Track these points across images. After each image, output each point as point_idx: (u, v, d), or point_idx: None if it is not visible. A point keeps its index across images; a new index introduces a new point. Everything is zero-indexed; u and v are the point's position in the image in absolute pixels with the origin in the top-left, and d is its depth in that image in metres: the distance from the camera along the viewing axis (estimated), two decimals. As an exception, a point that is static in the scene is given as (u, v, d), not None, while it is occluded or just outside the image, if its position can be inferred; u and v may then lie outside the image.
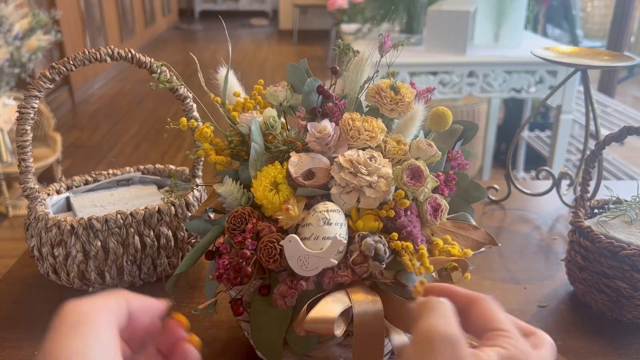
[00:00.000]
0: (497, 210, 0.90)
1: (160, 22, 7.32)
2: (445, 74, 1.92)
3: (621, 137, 0.62)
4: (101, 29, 5.09)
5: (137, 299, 0.35)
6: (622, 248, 0.58)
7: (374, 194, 0.46)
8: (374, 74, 0.55)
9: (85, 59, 0.62)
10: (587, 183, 0.66)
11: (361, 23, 2.33)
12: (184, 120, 0.55)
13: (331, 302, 0.42)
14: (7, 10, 2.37)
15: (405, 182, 0.45)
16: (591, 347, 0.59)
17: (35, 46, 2.47)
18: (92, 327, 0.31)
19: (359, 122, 0.50)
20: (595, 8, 4.80)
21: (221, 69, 0.58)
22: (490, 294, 0.57)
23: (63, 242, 0.63)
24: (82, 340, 0.30)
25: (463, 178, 0.53)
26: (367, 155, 0.47)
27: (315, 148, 0.49)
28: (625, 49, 3.18)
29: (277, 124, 0.52)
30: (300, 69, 0.56)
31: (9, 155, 2.56)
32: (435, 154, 0.48)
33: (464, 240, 0.50)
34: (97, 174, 0.76)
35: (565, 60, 0.80)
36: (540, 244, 0.80)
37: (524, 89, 1.98)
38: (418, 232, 0.46)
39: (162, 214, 0.66)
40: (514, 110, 3.17)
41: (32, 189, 0.65)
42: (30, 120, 0.61)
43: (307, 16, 7.51)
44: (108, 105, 4.49)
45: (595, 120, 0.83)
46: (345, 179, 0.46)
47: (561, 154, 2.07)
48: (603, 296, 0.61)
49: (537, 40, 2.29)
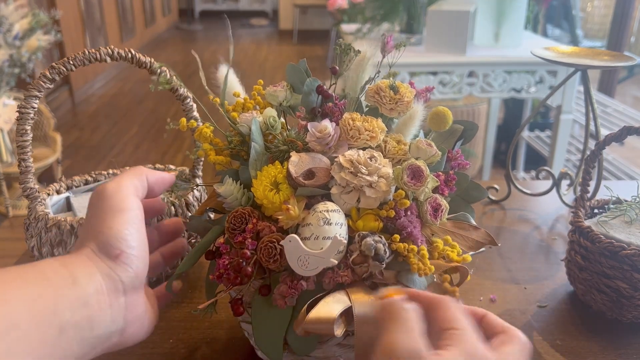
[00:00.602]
0: (497, 210, 0.90)
1: (160, 22, 7.32)
2: (445, 74, 1.92)
3: (621, 137, 0.62)
4: (101, 29, 5.09)
5: (153, 173, 0.47)
6: (622, 248, 0.58)
7: (374, 194, 0.46)
8: (375, 74, 0.55)
9: (85, 59, 0.62)
10: (587, 183, 0.66)
11: (361, 23, 2.33)
12: (183, 120, 0.55)
13: (331, 302, 0.42)
14: (7, 10, 2.37)
15: (405, 182, 0.45)
16: (591, 347, 0.59)
17: (35, 46, 2.47)
18: (130, 213, 0.41)
19: (359, 122, 0.50)
20: (595, 8, 4.80)
21: (221, 68, 0.58)
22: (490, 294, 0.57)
23: (63, 242, 0.63)
24: (122, 225, 0.40)
25: (463, 178, 0.53)
26: (367, 155, 0.47)
27: (315, 148, 0.49)
28: (625, 49, 3.18)
29: (277, 124, 0.52)
30: (300, 69, 0.56)
31: (9, 155, 2.56)
32: (435, 154, 0.48)
33: (464, 240, 0.50)
34: (97, 174, 0.76)
35: (565, 60, 0.80)
36: (540, 244, 0.80)
37: (524, 89, 1.98)
38: (418, 232, 0.46)
39: (162, 214, 0.65)
40: (514, 110, 3.17)
41: (32, 189, 0.65)
42: (30, 120, 0.61)
43: (307, 16, 7.51)
44: (108, 105, 4.49)
45: (595, 120, 0.83)
46: (345, 179, 0.46)
47: (561, 154, 2.07)
48: (603, 296, 0.61)
49: (537, 40, 2.29)
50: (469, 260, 0.46)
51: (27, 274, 0.35)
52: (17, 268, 0.35)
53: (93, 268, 0.38)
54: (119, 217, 0.40)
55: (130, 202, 0.42)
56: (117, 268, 0.39)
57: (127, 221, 0.41)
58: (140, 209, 0.43)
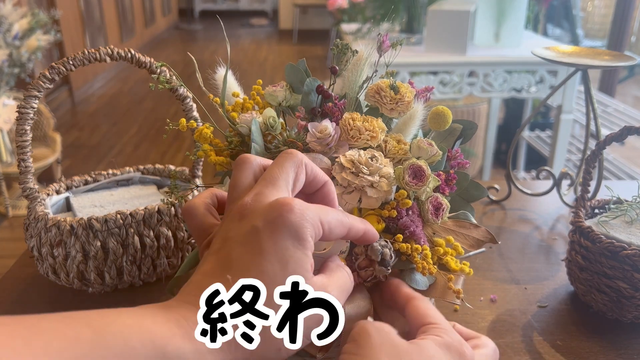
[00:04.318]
0: (498, 210, 0.90)
1: (160, 21, 7.32)
2: (445, 73, 1.92)
3: (622, 137, 0.62)
4: (101, 29, 5.09)
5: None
6: (623, 248, 0.58)
7: (376, 194, 0.46)
8: (372, 74, 0.55)
9: (85, 59, 0.62)
10: (588, 183, 0.66)
11: (361, 23, 2.33)
12: (183, 121, 0.55)
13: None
14: (7, 9, 2.37)
15: (407, 182, 0.45)
16: (591, 347, 0.58)
17: (35, 46, 2.47)
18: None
19: (359, 122, 0.50)
20: (596, 8, 4.80)
21: (219, 69, 0.58)
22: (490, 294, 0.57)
23: (63, 243, 0.63)
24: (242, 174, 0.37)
25: (464, 177, 0.53)
26: (368, 155, 0.47)
27: (316, 148, 0.49)
28: (626, 49, 3.17)
29: (277, 124, 0.51)
30: (299, 68, 0.56)
31: (8, 155, 2.56)
32: (436, 154, 0.48)
33: (464, 238, 0.50)
34: (96, 174, 0.76)
35: (565, 60, 0.80)
36: (540, 244, 0.80)
37: (524, 88, 1.98)
38: (420, 231, 0.46)
39: (162, 214, 0.65)
40: (514, 110, 3.17)
41: (32, 189, 0.65)
42: (30, 120, 0.61)
43: (307, 16, 7.51)
44: (108, 105, 4.49)
45: (595, 120, 0.83)
46: (346, 179, 0.46)
47: (562, 154, 2.07)
48: (603, 296, 0.61)
49: (538, 40, 2.29)
50: (467, 271, 0.46)
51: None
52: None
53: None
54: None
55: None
56: None
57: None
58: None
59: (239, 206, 0.34)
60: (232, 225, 0.34)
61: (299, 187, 0.37)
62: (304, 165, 0.37)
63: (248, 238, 0.32)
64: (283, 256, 0.31)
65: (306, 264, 0.32)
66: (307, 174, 0.37)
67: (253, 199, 0.34)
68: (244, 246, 0.32)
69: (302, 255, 0.32)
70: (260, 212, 0.33)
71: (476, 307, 0.65)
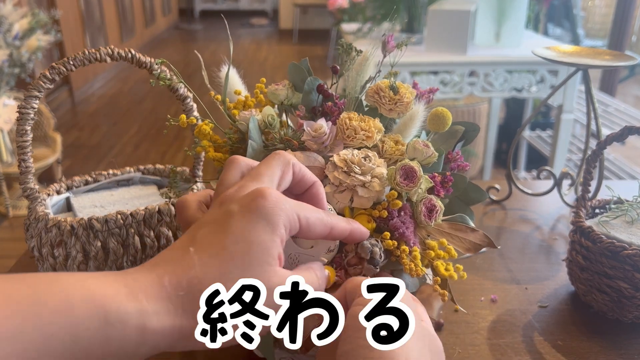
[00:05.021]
0: (498, 210, 0.90)
1: (160, 21, 7.32)
2: (446, 73, 1.92)
3: (622, 136, 0.62)
4: (101, 29, 5.09)
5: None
6: (624, 248, 0.58)
7: (367, 194, 0.46)
8: (375, 74, 0.55)
9: (85, 59, 0.62)
10: (588, 183, 0.65)
11: (362, 22, 2.33)
12: (183, 117, 0.55)
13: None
14: (7, 9, 2.37)
15: (398, 183, 0.45)
16: (592, 347, 0.58)
17: (35, 46, 2.47)
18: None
19: (355, 122, 0.49)
20: (597, 7, 4.80)
21: (224, 66, 0.58)
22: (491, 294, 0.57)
23: (63, 243, 0.63)
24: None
25: (461, 179, 0.53)
26: (361, 155, 0.47)
27: (311, 147, 0.49)
28: (627, 49, 3.17)
29: (275, 122, 0.52)
30: (302, 67, 0.56)
31: (9, 155, 2.56)
32: (432, 155, 0.48)
33: (460, 242, 0.50)
34: (97, 174, 0.76)
35: (566, 59, 0.80)
36: (541, 244, 0.80)
37: (525, 88, 1.98)
38: (411, 233, 0.46)
39: (162, 214, 0.65)
40: (515, 110, 3.17)
41: (32, 189, 0.65)
42: (30, 120, 0.61)
43: (308, 16, 7.51)
44: (108, 105, 4.49)
45: (596, 119, 0.82)
46: (338, 178, 0.46)
47: (562, 154, 2.07)
48: (604, 296, 0.61)
49: (538, 40, 2.29)
50: (455, 278, 0.46)
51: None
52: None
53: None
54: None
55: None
56: None
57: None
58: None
59: (222, 196, 0.35)
60: (211, 211, 0.35)
61: (285, 186, 0.38)
62: (291, 165, 0.38)
63: (219, 219, 0.33)
64: (249, 236, 0.32)
65: (272, 249, 0.32)
66: (295, 174, 0.38)
67: (235, 190, 0.35)
68: (214, 225, 0.33)
69: (269, 240, 0.32)
70: (237, 199, 0.34)
71: (477, 307, 0.65)
